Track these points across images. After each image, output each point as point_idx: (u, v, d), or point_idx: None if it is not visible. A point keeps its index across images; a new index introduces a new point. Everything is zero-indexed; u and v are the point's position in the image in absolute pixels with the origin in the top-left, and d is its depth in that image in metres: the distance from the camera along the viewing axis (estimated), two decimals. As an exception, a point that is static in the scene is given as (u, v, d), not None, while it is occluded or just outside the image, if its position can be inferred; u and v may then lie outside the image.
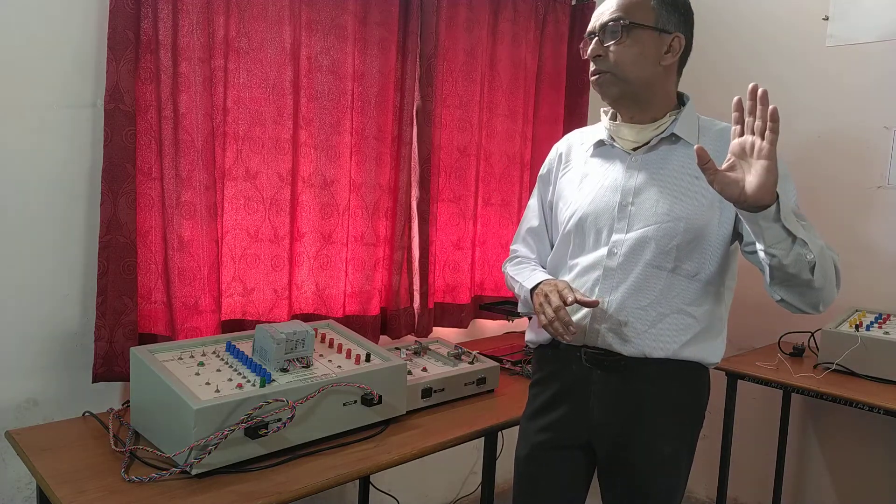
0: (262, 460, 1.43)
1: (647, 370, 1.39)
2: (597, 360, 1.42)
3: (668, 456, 1.41)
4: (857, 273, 2.51)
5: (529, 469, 1.53)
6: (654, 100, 1.40)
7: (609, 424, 1.42)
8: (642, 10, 1.36)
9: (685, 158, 1.38)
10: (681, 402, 1.42)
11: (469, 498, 2.82)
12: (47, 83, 1.69)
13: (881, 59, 2.43)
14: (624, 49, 1.36)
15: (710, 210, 1.35)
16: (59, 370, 1.76)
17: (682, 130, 1.39)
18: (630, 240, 1.38)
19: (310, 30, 2.07)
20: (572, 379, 1.45)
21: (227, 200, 1.98)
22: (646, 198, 1.39)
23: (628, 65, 1.36)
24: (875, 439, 2.49)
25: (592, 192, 1.45)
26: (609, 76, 1.38)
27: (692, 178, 1.36)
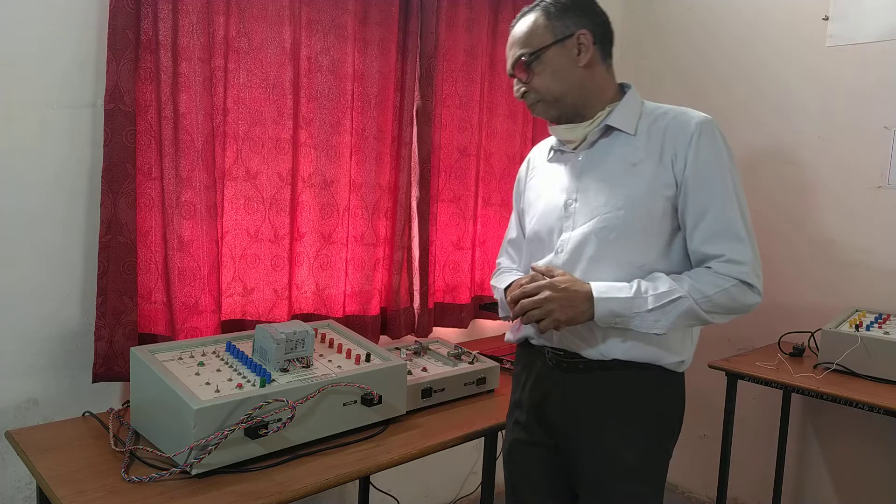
0: (262, 460, 1.43)
1: (607, 373, 1.37)
2: (558, 360, 1.42)
3: (632, 465, 1.37)
4: (857, 273, 2.51)
5: (509, 465, 1.55)
6: (591, 99, 1.40)
7: (572, 428, 1.41)
8: (537, 35, 1.38)
9: (623, 148, 1.38)
10: (646, 410, 1.39)
11: (469, 498, 2.82)
12: (47, 83, 1.69)
13: (881, 59, 2.43)
14: (540, 77, 1.38)
15: (650, 197, 1.33)
16: (59, 370, 1.76)
17: (618, 121, 1.39)
18: (575, 237, 1.38)
19: (310, 30, 2.07)
20: (537, 377, 1.47)
21: (227, 200, 1.98)
22: (587, 193, 1.39)
23: (551, 86, 1.38)
24: (875, 439, 2.49)
25: (546, 197, 1.47)
26: (541, 104, 1.41)
27: (630, 166, 1.36)
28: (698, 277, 1.31)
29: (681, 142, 1.32)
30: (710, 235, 1.31)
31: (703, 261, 1.33)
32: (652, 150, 1.34)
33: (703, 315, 1.30)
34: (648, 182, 1.33)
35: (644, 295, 1.29)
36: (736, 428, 2.36)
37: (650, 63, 3.09)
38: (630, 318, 1.29)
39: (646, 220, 1.34)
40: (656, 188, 1.33)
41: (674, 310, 1.29)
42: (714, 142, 1.33)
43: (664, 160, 1.33)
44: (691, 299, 1.28)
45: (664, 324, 1.29)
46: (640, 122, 1.38)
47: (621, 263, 1.35)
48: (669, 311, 1.28)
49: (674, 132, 1.34)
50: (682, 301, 1.28)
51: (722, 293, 1.29)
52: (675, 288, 1.29)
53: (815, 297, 2.60)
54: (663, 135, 1.34)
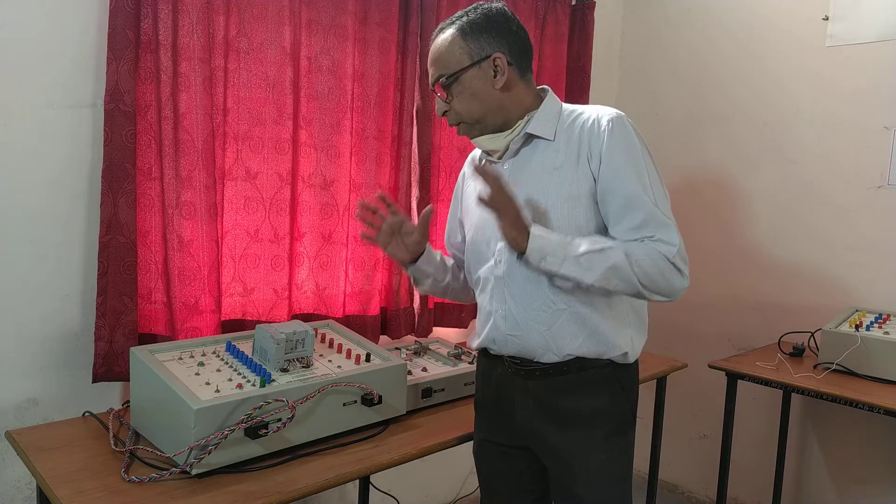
0: (262, 460, 1.43)
1: (565, 378, 1.40)
2: (515, 368, 1.45)
3: (597, 466, 1.42)
4: (857, 273, 2.51)
5: (480, 464, 1.60)
6: (511, 114, 1.42)
7: (534, 433, 1.45)
8: (453, 56, 1.38)
9: (544, 154, 1.40)
10: (601, 410, 1.42)
11: (469, 498, 2.82)
12: (47, 83, 1.69)
13: (881, 59, 2.43)
14: (459, 100, 1.39)
15: (575, 200, 1.35)
16: (59, 370, 1.76)
17: (537, 128, 1.40)
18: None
19: (310, 30, 2.07)
20: (497, 382, 1.50)
21: (227, 200, 1.98)
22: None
23: (470, 108, 1.40)
24: (875, 439, 2.49)
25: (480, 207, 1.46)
26: (464, 125, 1.43)
27: (552, 171, 1.38)
28: (631, 244, 1.31)
29: (594, 140, 1.35)
30: (636, 225, 1.32)
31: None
32: (570, 152, 1.37)
33: (632, 277, 1.28)
34: (570, 183, 1.36)
35: (576, 241, 1.30)
36: (736, 428, 2.36)
37: (649, 64, 3.09)
38: (560, 262, 1.29)
39: (572, 221, 1.36)
40: (579, 189, 1.35)
41: (604, 260, 1.28)
42: (625, 136, 1.34)
43: (581, 159, 1.36)
44: (623, 254, 1.28)
45: (593, 275, 1.28)
46: (558, 127, 1.40)
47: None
48: (601, 260, 1.28)
49: (588, 132, 1.36)
50: (612, 252, 1.28)
51: (652, 264, 1.29)
52: (607, 241, 1.30)
53: (815, 297, 2.60)
54: (579, 136, 1.37)
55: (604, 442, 1.43)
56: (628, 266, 1.28)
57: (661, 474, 2.58)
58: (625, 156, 1.33)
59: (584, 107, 1.43)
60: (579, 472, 1.42)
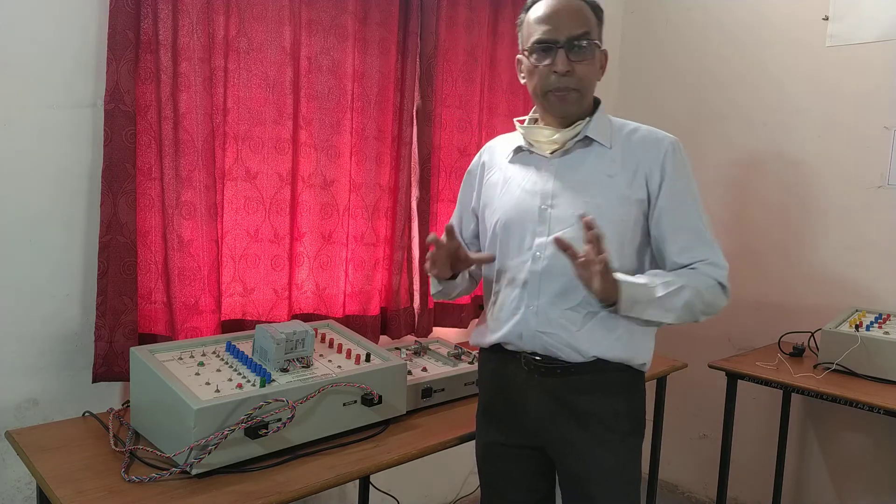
0: (262, 460, 1.43)
1: (584, 377, 1.41)
2: (534, 365, 1.44)
3: (612, 465, 1.43)
4: (857, 273, 2.51)
5: (486, 468, 1.57)
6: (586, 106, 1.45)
7: (550, 431, 1.45)
8: (596, 27, 1.41)
9: (599, 159, 1.42)
10: (618, 411, 1.44)
11: (469, 498, 2.82)
12: (47, 83, 1.69)
13: (881, 59, 2.43)
14: (587, 66, 1.39)
15: (627, 209, 1.39)
16: (59, 370, 1.76)
17: (595, 133, 1.42)
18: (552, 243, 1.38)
19: (310, 30, 2.07)
20: (510, 382, 1.48)
21: (227, 200, 1.98)
22: (564, 200, 1.41)
23: (589, 79, 1.41)
24: (875, 439, 2.49)
25: (514, 197, 1.47)
26: (575, 94, 1.41)
27: (606, 177, 1.40)
28: (688, 275, 1.36)
29: (654, 158, 1.39)
30: (687, 245, 1.38)
31: (681, 267, 1.39)
32: (626, 164, 1.40)
33: (697, 312, 1.35)
34: (624, 194, 1.39)
35: (651, 284, 1.32)
36: (736, 428, 2.36)
37: (649, 64, 3.09)
38: (646, 306, 1.31)
39: (620, 230, 1.38)
40: (630, 200, 1.39)
41: (679, 299, 1.33)
42: (683, 160, 1.42)
43: (638, 174, 1.39)
44: (691, 290, 1.33)
45: (672, 315, 1.33)
46: (612, 136, 1.43)
47: None
48: (676, 301, 1.32)
49: (647, 149, 1.40)
50: (685, 291, 1.33)
51: (709, 290, 1.36)
52: (675, 279, 1.34)
53: (815, 297, 2.60)
54: (639, 151, 1.41)
55: (620, 443, 1.44)
56: (697, 301, 1.34)
57: (661, 474, 2.58)
58: (682, 179, 1.40)
59: (634, 122, 1.47)
60: (594, 471, 1.43)
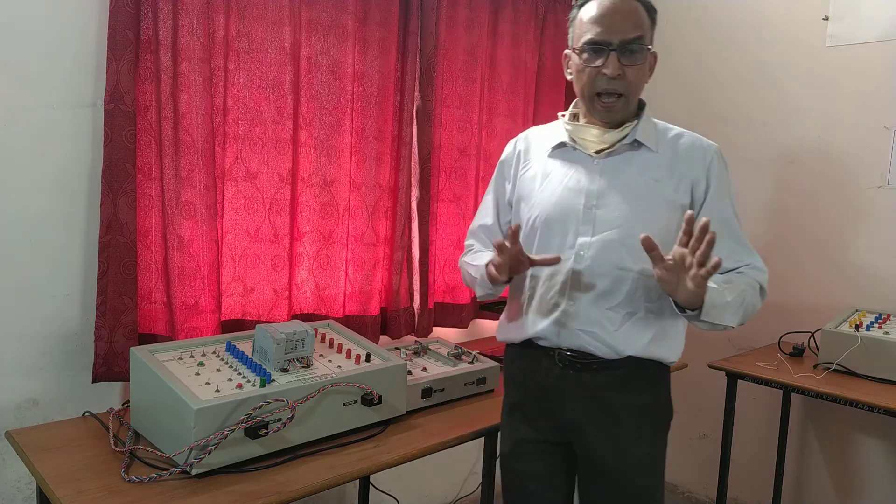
0: (262, 460, 1.43)
1: (617, 373, 1.42)
2: (570, 361, 1.43)
3: (642, 458, 1.45)
4: (857, 273, 2.51)
5: (514, 465, 1.56)
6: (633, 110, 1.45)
7: (583, 426, 1.45)
8: (649, 29, 1.41)
9: (645, 163, 1.42)
10: (649, 405, 1.46)
11: (469, 498, 2.82)
12: (48, 83, 1.69)
13: (881, 59, 2.43)
14: (638, 70, 1.39)
15: (671, 213, 1.40)
16: (59, 370, 1.76)
17: (642, 136, 1.43)
18: (597, 242, 1.40)
19: (310, 30, 2.07)
20: (544, 379, 1.48)
21: (227, 200, 1.98)
22: (610, 201, 1.41)
23: (638, 84, 1.41)
24: (875, 439, 2.49)
25: (556, 193, 1.46)
26: (623, 100, 1.40)
27: (653, 181, 1.41)
28: (739, 278, 1.39)
29: (700, 165, 1.41)
30: (731, 251, 1.40)
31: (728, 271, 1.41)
32: (673, 170, 1.41)
33: (749, 311, 1.37)
34: (669, 199, 1.40)
35: (720, 288, 1.31)
36: (736, 428, 2.36)
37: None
38: (722, 310, 1.30)
39: (664, 234, 1.37)
40: (675, 205, 1.40)
41: (741, 301, 1.34)
42: (726, 168, 1.45)
43: (682, 182, 1.41)
44: (748, 292, 1.36)
45: (739, 317, 1.35)
46: (658, 140, 1.44)
47: (640, 273, 1.39)
48: (739, 303, 1.34)
49: (694, 156, 1.42)
50: (745, 293, 1.36)
51: (756, 294, 1.40)
52: (733, 283, 1.35)
53: (815, 297, 2.60)
54: (684, 157, 1.42)
55: (651, 435, 1.46)
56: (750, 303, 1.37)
57: (661, 474, 2.58)
58: (725, 187, 1.43)
59: (677, 127, 1.48)
60: (626, 463, 1.44)
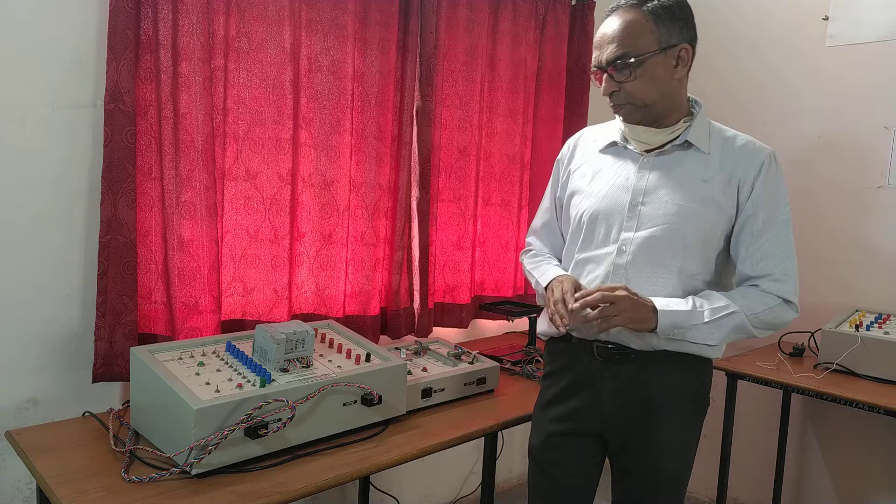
0: (262, 460, 1.43)
1: (656, 361, 1.44)
2: (608, 354, 1.46)
3: (678, 442, 1.47)
4: (857, 273, 2.51)
5: (545, 456, 1.57)
6: (672, 110, 1.44)
7: (622, 415, 1.47)
8: (643, 38, 1.37)
9: (694, 163, 1.43)
10: (687, 390, 1.48)
11: (469, 498, 2.82)
12: (47, 83, 1.69)
13: (881, 59, 2.43)
14: (637, 83, 1.38)
15: (717, 215, 1.41)
16: (59, 370, 1.76)
17: (695, 137, 1.44)
18: (639, 238, 1.42)
19: (310, 30, 2.06)
20: (584, 371, 1.50)
21: (227, 200, 1.98)
22: (656, 198, 1.43)
23: (646, 93, 1.40)
24: (875, 439, 2.49)
25: (604, 190, 1.49)
26: (629, 107, 1.42)
27: (701, 182, 1.41)
28: (747, 295, 1.40)
29: (751, 170, 1.40)
30: (761, 258, 1.40)
31: (750, 279, 1.42)
32: (722, 171, 1.41)
33: (751, 329, 1.39)
34: (716, 200, 1.40)
35: (700, 309, 1.37)
36: (736, 428, 2.36)
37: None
38: (687, 330, 1.37)
39: (708, 235, 1.41)
40: (721, 207, 1.41)
41: (727, 323, 1.37)
42: (778, 174, 1.43)
43: (731, 184, 1.41)
44: (743, 315, 1.37)
45: (717, 336, 1.38)
46: (710, 142, 1.44)
47: (681, 272, 1.42)
48: (724, 324, 1.37)
49: (745, 160, 1.41)
50: (735, 315, 1.37)
51: (768, 311, 1.39)
52: (728, 303, 1.38)
53: (815, 297, 2.60)
54: (734, 160, 1.42)
55: (687, 422, 1.48)
56: (748, 323, 1.39)
57: (661, 474, 2.58)
58: (773, 194, 1.41)
59: (733, 130, 1.47)
60: (662, 449, 1.45)
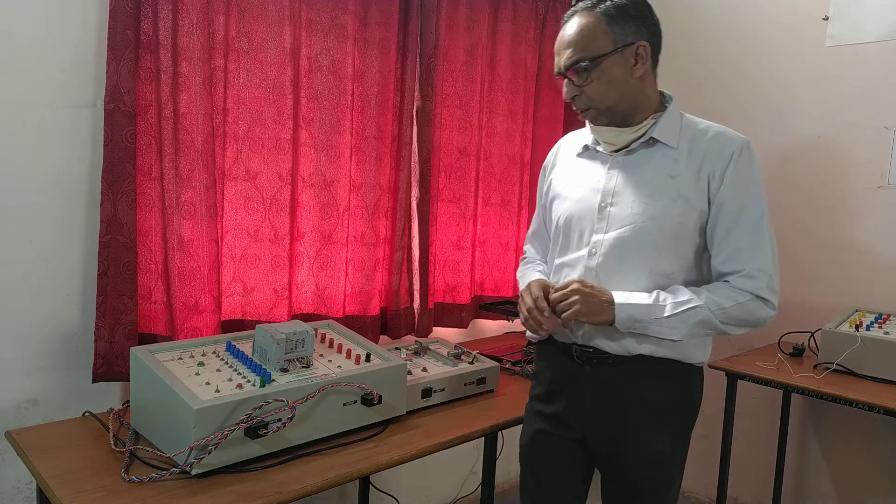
0: (262, 460, 1.43)
1: (635, 368, 1.42)
2: (587, 357, 1.45)
3: (659, 452, 1.44)
4: (857, 273, 2.51)
5: (532, 455, 1.57)
6: (637, 108, 1.42)
7: (600, 420, 1.45)
8: (597, 39, 1.36)
9: (663, 159, 1.41)
10: (670, 399, 1.45)
11: (469, 498, 2.82)
12: (47, 83, 1.69)
13: (881, 59, 2.43)
14: (595, 85, 1.38)
15: (686, 210, 1.38)
16: (59, 370, 1.76)
17: (662, 133, 1.41)
18: (609, 240, 1.41)
19: (310, 30, 2.07)
20: (566, 375, 1.49)
21: (227, 200, 1.98)
22: (624, 198, 1.41)
23: (605, 95, 1.39)
24: (875, 439, 2.49)
25: (578, 193, 1.49)
26: (592, 110, 1.42)
27: (668, 178, 1.39)
28: (716, 290, 1.37)
29: (720, 161, 1.37)
30: (733, 253, 1.37)
31: (722, 275, 1.39)
32: (691, 165, 1.38)
33: (718, 325, 1.36)
34: (685, 196, 1.38)
35: (662, 303, 1.35)
36: (736, 428, 2.36)
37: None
38: (648, 324, 1.35)
39: (678, 232, 1.38)
40: (691, 203, 1.38)
41: (690, 318, 1.34)
42: (751, 164, 1.38)
43: (701, 177, 1.37)
44: (707, 309, 1.34)
45: (681, 331, 1.35)
46: (680, 136, 1.41)
47: (652, 271, 1.39)
48: (686, 318, 1.34)
49: (714, 151, 1.38)
50: (698, 310, 1.34)
51: (737, 307, 1.35)
52: (692, 298, 1.35)
53: (815, 297, 2.60)
54: (703, 152, 1.38)
55: (666, 432, 1.44)
56: (714, 318, 1.35)
57: (661, 474, 2.58)
58: (745, 185, 1.37)
59: (708, 122, 1.44)
60: (640, 459, 1.43)
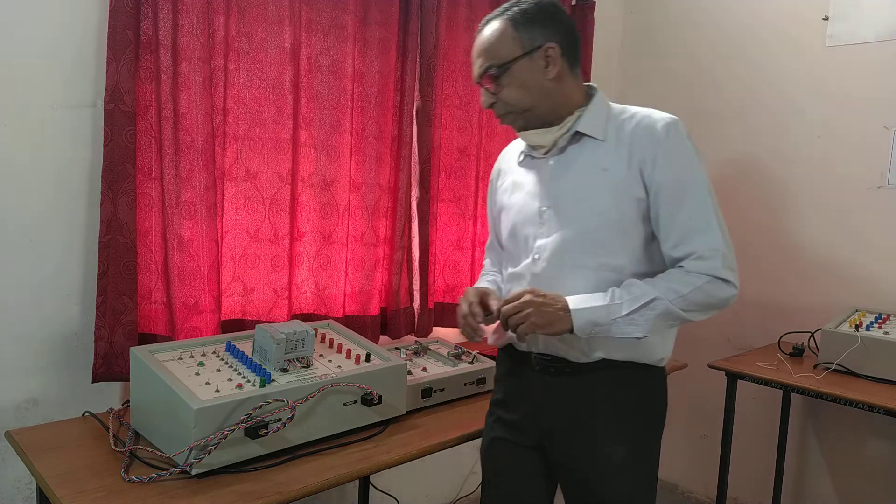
0: (262, 460, 1.43)
1: (593, 375, 1.39)
2: (544, 365, 1.43)
3: (618, 461, 1.40)
4: (857, 273, 2.51)
5: (490, 464, 1.56)
6: (559, 107, 1.40)
7: (558, 430, 1.43)
8: (505, 46, 1.36)
9: (592, 154, 1.38)
10: (629, 406, 1.41)
11: (469, 498, 2.82)
12: (47, 83, 1.69)
13: (881, 59, 2.43)
14: (509, 90, 1.38)
15: (623, 201, 1.34)
16: (59, 370, 1.76)
17: (587, 126, 1.39)
18: (551, 244, 1.39)
19: (310, 30, 2.07)
20: (525, 381, 1.47)
21: (227, 200, 1.98)
22: (559, 200, 1.40)
23: (520, 99, 1.38)
24: (875, 439, 2.49)
25: (520, 201, 1.47)
26: (511, 115, 1.41)
27: (601, 171, 1.36)
28: (671, 277, 1.32)
29: (648, 146, 1.33)
30: (682, 236, 1.32)
31: (676, 261, 1.34)
32: (621, 154, 1.35)
33: (680, 314, 1.31)
34: (619, 187, 1.34)
35: (619, 301, 1.30)
36: (736, 428, 2.36)
37: (649, 64, 3.09)
38: (608, 326, 1.30)
39: (619, 225, 1.35)
40: (627, 193, 1.34)
41: (650, 312, 1.30)
42: (681, 143, 1.34)
43: (633, 165, 1.34)
44: (666, 300, 1.29)
45: (643, 327, 1.30)
46: (608, 127, 1.39)
47: (599, 268, 1.36)
48: (646, 313, 1.29)
49: (641, 136, 1.35)
50: (657, 302, 1.29)
51: (696, 291, 1.30)
52: (648, 290, 1.30)
53: (815, 297, 2.61)
54: (631, 139, 1.35)
55: (629, 440, 1.40)
56: (674, 308, 1.30)
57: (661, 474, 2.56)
58: (680, 165, 1.33)
59: (634, 108, 1.41)
60: (600, 469, 1.39)
